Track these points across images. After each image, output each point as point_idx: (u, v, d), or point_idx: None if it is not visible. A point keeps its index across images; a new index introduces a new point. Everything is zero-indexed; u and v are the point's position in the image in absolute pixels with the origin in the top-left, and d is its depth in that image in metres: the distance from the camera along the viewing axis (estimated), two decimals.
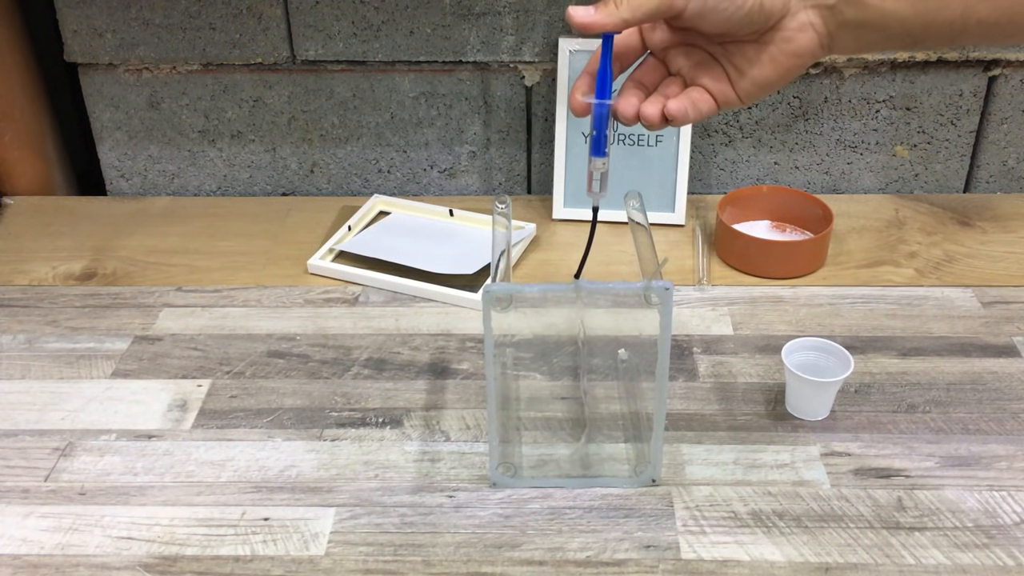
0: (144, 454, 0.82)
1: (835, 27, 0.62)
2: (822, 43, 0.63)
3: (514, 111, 1.18)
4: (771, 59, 0.63)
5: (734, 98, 0.65)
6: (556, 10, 1.11)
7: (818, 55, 0.63)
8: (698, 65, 0.65)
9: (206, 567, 0.72)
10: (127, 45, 1.15)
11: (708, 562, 0.71)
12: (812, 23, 0.62)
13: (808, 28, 0.62)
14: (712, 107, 0.65)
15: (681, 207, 1.12)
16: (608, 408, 0.87)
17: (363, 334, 0.97)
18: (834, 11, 0.61)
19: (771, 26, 0.62)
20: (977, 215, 1.15)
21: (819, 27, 0.62)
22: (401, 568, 0.72)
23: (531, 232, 1.10)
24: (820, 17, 0.62)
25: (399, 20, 1.13)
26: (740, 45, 0.64)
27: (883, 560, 0.71)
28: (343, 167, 1.22)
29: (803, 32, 0.62)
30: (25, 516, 0.76)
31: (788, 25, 0.62)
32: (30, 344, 0.96)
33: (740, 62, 0.64)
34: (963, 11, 0.59)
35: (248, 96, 1.18)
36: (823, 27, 0.62)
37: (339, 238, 1.10)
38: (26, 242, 1.13)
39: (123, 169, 1.23)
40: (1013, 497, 0.76)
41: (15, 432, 0.85)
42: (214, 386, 0.90)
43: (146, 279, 1.06)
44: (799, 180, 1.21)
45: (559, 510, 0.76)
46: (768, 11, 0.61)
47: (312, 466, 0.81)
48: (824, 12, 0.62)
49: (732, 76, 0.64)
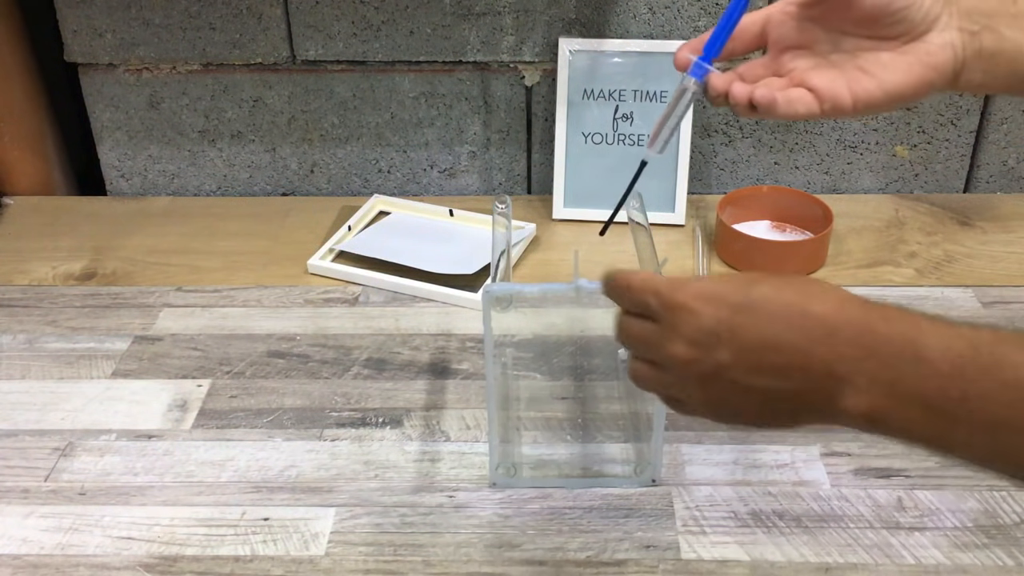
0: (144, 454, 0.82)
1: (971, 54, 0.62)
2: (955, 69, 0.62)
3: (514, 111, 1.18)
4: (908, 67, 0.62)
5: (847, 103, 0.63)
6: (556, 10, 1.11)
7: (948, 81, 0.63)
8: (815, 68, 0.64)
9: (206, 567, 0.72)
10: (127, 45, 1.15)
11: (708, 562, 0.71)
12: (953, 44, 0.62)
13: (949, 48, 0.62)
14: (813, 109, 0.63)
15: (681, 207, 1.12)
16: (608, 408, 0.87)
17: (363, 334, 0.97)
18: (975, 37, 0.62)
19: (918, 34, 0.62)
20: (977, 215, 1.15)
21: (958, 50, 0.62)
22: (401, 568, 0.72)
23: (531, 232, 1.10)
24: (962, 40, 0.62)
25: (399, 20, 1.13)
26: (876, 51, 0.63)
27: (883, 560, 0.71)
28: (343, 167, 1.22)
29: (944, 51, 0.62)
30: (25, 516, 0.76)
31: (933, 39, 0.62)
32: (30, 344, 0.96)
33: (871, 66, 0.63)
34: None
35: (248, 96, 1.18)
36: (962, 51, 0.62)
37: (339, 238, 1.10)
38: (26, 242, 1.13)
39: (123, 169, 1.23)
40: (1013, 497, 0.76)
41: (15, 432, 0.85)
42: (214, 386, 0.90)
43: (146, 279, 1.06)
44: (799, 180, 1.21)
45: (559, 510, 0.76)
46: (924, 15, 0.61)
47: (312, 466, 0.81)
48: (967, 36, 0.62)
49: (855, 79, 0.63)
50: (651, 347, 0.56)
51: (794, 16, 0.65)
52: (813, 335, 0.50)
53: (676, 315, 0.54)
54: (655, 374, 0.57)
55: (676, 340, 0.54)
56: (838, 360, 0.49)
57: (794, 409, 0.53)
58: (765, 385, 0.52)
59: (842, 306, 0.51)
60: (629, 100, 1.11)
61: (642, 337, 0.56)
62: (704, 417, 0.57)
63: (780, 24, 0.65)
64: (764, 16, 0.66)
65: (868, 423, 0.50)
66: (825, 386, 0.50)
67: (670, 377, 0.56)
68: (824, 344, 0.50)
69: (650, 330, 0.56)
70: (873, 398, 0.49)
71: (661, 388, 0.57)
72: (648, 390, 0.58)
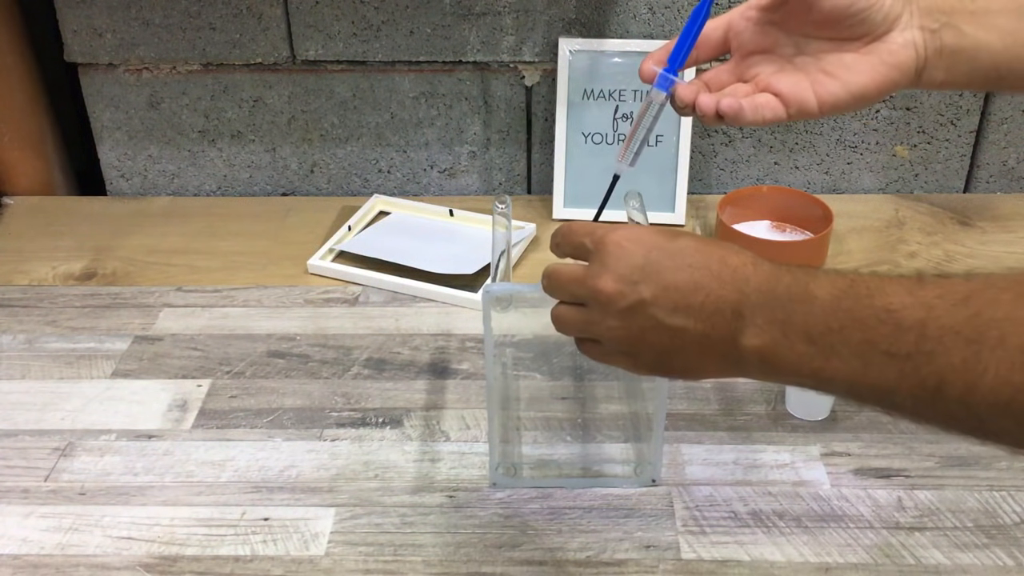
0: (144, 454, 0.82)
1: (933, 52, 0.62)
2: (918, 67, 0.63)
3: (514, 111, 1.18)
4: (871, 68, 0.63)
5: (813, 106, 0.64)
6: (556, 10, 1.11)
7: (910, 79, 0.64)
8: (779, 72, 0.65)
9: (206, 567, 0.72)
10: (127, 45, 1.15)
11: (708, 562, 0.71)
12: (915, 43, 0.62)
13: (911, 47, 0.63)
14: (780, 114, 0.64)
15: (681, 207, 1.12)
16: (608, 408, 0.87)
17: (363, 334, 0.97)
18: (936, 35, 0.62)
19: (879, 35, 0.62)
20: (977, 215, 1.15)
21: (920, 48, 0.62)
22: (401, 568, 0.72)
23: (531, 232, 1.10)
24: (923, 38, 0.62)
25: (399, 20, 1.13)
26: (839, 53, 0.63)
27: (883, 560, 0.71)
28: (343, 167, 1.22)
29: (906, 49, 0.62)
30: (25, 516, 0.76)
31: (895, 39, 0.62)
32: (30, 344, 0.96)
33: (835, 68, 0.63)
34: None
35: (248, 96, 1.18)
36: (923, 50, 0.62)
37: (339, 238, 1.10)
38: (26, 242, 1.13)
39: (123, 169, 1.23)
40: (1013, 497, 0.76)
41: (15, 432, 0.85)
42: (214, 386, 0.90)
43: (146, 279, 1.06)
44: (799, 180, 1.21)
45: (559, 510, 0.76)
46: (885, 15, 0.62)
47: (312, 466, 0.81)
48: (927, 34, 0.62)
49: (819, 82, 0.63)
50: (579, 285, 0.59)
51: (755, 21, 0.66)
52: (726, 280, 0.55)
53: (607, 252, 0.58)
54: (578, 314, 0.60)
55: (604, 275, 0.57)
56: (744, 304, 0.53)
57: (701, 351, 0.56)
58: (680, 325, 0.55)
59: (756, 260, 0.55)
60: (629, 100, 1.11)
61: (572, 277, 0.60)
62: (614, 359, 0.60)
63: (742, 30, 0.66)
64: (726, 22, 0.66)
65: (761, 361, 0.53)
66: (730, 327, 0.54)
67: (593, 315, 0.59)
68: (736, 290, 0.54)
69: (581, 271, 0.59)
70: (767, 335, 0.52)
71: (582, 326, 0.60)
72: (568, 332, 0.61)
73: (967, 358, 0.45)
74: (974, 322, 0.45)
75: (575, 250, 0.61)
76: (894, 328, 0.48)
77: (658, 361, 0.58)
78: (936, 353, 0.46)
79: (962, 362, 0.45)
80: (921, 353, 0.46)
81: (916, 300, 0.48)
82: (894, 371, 0.48)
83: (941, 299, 0.47)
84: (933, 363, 0.46)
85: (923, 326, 0.47)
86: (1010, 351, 0.43)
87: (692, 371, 0.58)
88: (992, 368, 0.44)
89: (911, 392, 0.47)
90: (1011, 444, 0.46)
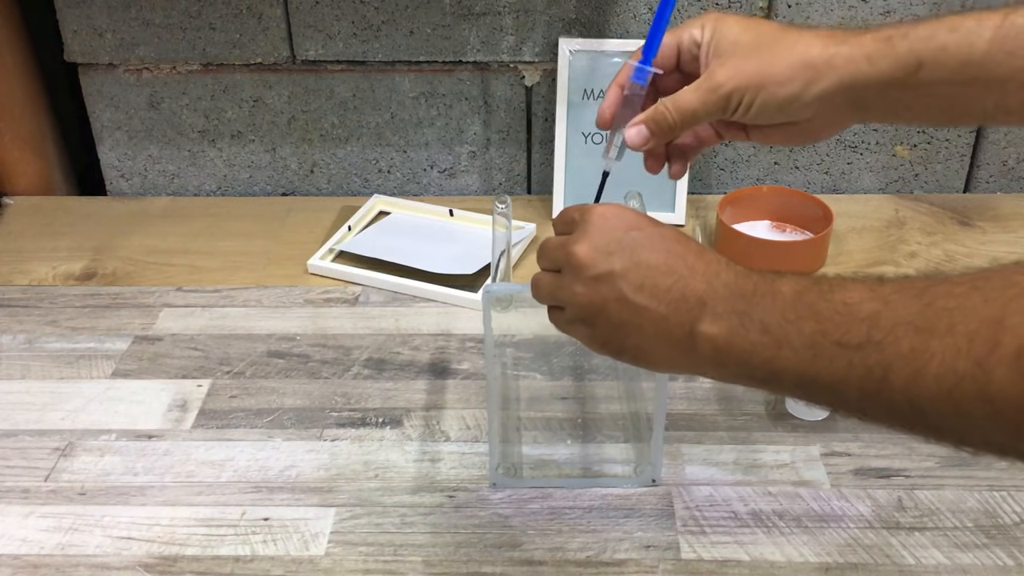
0: (144, 454, 0.82)
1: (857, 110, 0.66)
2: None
3: (514, 111, 1.18)
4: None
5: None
6: (556, 10, 1.11)
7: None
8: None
9: (206, 567, 0.72)
10: (127, 45, 1.15)
11: (708, 562, 0.71)
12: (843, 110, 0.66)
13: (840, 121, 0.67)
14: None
15: (681, 207, 1.12)
16: (608, 408, 0.87)
17: (363, 334, 0.97)
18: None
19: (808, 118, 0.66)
20: (977, 215, 1.15)
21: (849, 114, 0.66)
22: (401, 568, 0.72)
23: (531, 232, 1.10)
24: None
25: (399, 20, 1.13)
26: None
27: (883, 560, 0.71)
28: (343, 167, 1.22)
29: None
30: (25, 516, 0.76)
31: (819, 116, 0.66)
32: (30, 344, 0.96)
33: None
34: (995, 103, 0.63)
35: (248, 96, 1.18)
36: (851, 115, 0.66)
37: (339, 238, 1.10)
38: (26, 242, 1.13)
39: (123, 169, 1.23)
40: (1013, 497, 0.76)
41: (15, 432, 0.85)
42: (214, 386, 0.90)
43: (146, 279, 1.06)
44: (799, 180, 1.21)
45: (559, 510, 0.76)
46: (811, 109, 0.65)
47: (312, 466, 0.81)
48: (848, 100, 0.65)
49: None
50: (559, 249, 0.61)
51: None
52: (698, 271, 0.56)
53: (590, 222, 0.60)
54: (551, 278, 0.62)
55: (582, 241, 0.59)
56: (709, 295, 0.55)
57: (656, 333, 0.56)
58: (642, 303, 0.56)
59: (730, 263, 0.57)
60: None
61: (555, 243, 0.62)
62: (573, 329, 0.61)
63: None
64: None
65: (714, 350, 0.54)
66: (691, 314, 0.55)
67: (564, 279, 0.60)
68: (705, 282, 0.55)
69: (564, 238, 0.62)
70: (724, 324, 0.53)
71: (552, 290, 0.61)
72: (540, 298, 0.63)
73: (915, 346, 0.45)
74: (926, 312, 0.45)
75: (566, 225, 0.63)
76: (848, 319, 0.48)
77: (612, 336, 0.59)
78: (885, 343, 0.46)
79: (910, 350, 0.45)
80: (871, 343, 0.47)
81: (874, 295, 0.48)
82: (843, 362, 0.48)
83: (898, 293, 0.47)
84: (882, 352, 0.46)
85: (877, 317, 0.47)
86: (957, 338, 0.43)
87: (643, 355, 0.58)
88: (938, 355, 0.44)
89: (858, 384, 0.47)
90: (952, 441, 0.46)
